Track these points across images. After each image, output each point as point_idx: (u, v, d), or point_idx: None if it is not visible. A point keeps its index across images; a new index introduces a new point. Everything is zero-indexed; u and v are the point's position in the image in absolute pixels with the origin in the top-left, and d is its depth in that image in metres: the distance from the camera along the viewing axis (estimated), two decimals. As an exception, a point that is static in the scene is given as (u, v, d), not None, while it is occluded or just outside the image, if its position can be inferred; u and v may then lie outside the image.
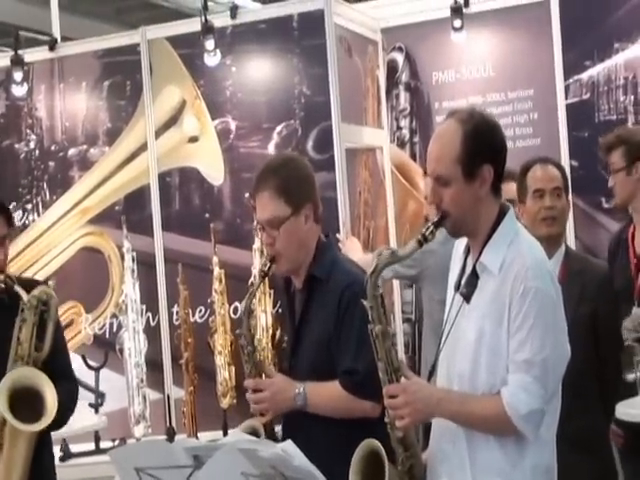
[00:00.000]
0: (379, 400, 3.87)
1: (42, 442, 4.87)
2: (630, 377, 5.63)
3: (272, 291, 6.49)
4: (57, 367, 4.87)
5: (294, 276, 4.61)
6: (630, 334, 5.52)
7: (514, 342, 3.65)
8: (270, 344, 6.45)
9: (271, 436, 4.56)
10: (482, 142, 3.84)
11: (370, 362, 3.84)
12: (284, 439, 3.98)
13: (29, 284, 4.86)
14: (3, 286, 4.74)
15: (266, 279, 4.86)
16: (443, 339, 3.94)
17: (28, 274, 7.45)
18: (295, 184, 4.49)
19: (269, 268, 4.50)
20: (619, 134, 5.97)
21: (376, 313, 3.86)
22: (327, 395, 4.43)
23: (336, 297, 4.37)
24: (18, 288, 4.70)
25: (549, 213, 5.26)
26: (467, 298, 3.81)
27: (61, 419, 4.90)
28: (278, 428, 4.55)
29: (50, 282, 5.06)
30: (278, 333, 5.13)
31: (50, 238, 7.41)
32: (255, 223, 4.74)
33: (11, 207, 7.45)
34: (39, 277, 7.48)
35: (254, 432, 4.20)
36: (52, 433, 5.08)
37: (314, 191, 4.56)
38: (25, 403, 4.66)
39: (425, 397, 3.82)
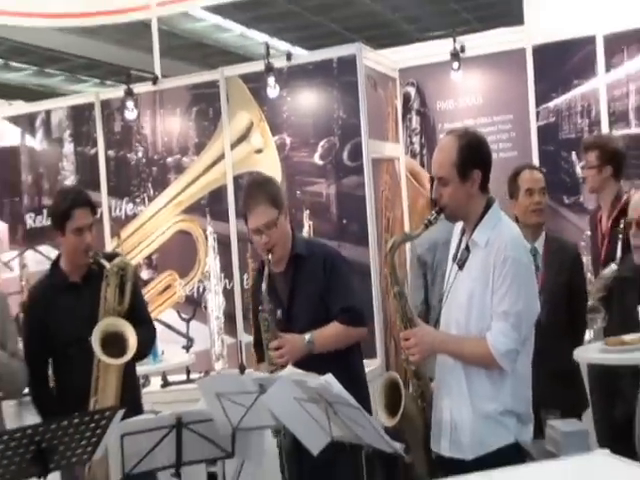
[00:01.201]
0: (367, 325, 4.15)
1: (130, 372, 4.96)
2: (587, 336, 5.70)
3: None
4: (137, 315, 4.93)
5: (276, 265, 4.68)
6: (596, 294, 5.54)
7: (496, 298, 3.74)
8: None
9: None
10: (473, 152, 3.92)
11: (358, 299, 3.97)
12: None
13: (111, 256, 4.92)
14: (91, 261, 4.81)
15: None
16: (444, 297, 3.99)
17: (136, 252, 7.52)
18: (277, 193, 4.65)
19: (262, 263, 4.69)
20: (597, 139, 6.10)
21: (394, 278, 3.94)
22: (330, 333, 4.49)
23: (320, 264, 4.53)
24: (102, 260, 4.76)
25: (537, 207, 5.41)
26: (461, 266, 3.89)
27: (143, 352, 5.00)
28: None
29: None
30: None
31: (153, 224, 7.45)
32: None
33: (124, 201, 7.55)
34: (145, 254, 7.54)
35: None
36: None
37: (283, 197, 4.76)
38: (113, 344, 4.71)
39: (430, 339, 3.91)
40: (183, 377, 6.64)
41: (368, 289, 6.60)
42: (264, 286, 4.53)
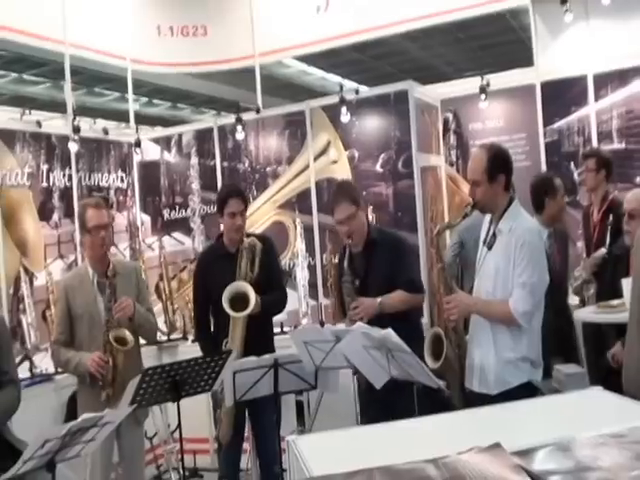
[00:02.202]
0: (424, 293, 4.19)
1: (263, 323, 4.96)
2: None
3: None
4: (271, 284, 5.02)
5: (355, 246, 4.72)
6: (590, 270, 5.49)
7: (516, 272, 3.70)
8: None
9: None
10: (499, 161, 3.87)
11: (417, 273, 3.98)
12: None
13: (259, 238, 5.04)
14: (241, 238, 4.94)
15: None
16: (477, 271, 3.94)
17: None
18: (355, 194, 4.76)
19: (345, 245, 4.72)
20: (595, 150, 6.29)
21: (439, 256, 3.90)
22: (396, 298, 4.50)
23: (389, 246, 4.55)
24: (245, 239, 4.92)
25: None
26: (490, 247, 3.84)
27: (271, 311, 5.07)
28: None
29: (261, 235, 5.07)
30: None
31: (256, 216, 7.41)
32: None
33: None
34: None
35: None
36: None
37: (360, 196, 4.91)
38: (240, 301, 4.74)
39: (466, 303, 3.86)
40: (278, 329, 6.61)
41: (418, 265, 6.55)
42: (346, 262, 4.63)
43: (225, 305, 4.70)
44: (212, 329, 5.08)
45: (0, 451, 3.69)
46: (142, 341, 5.11)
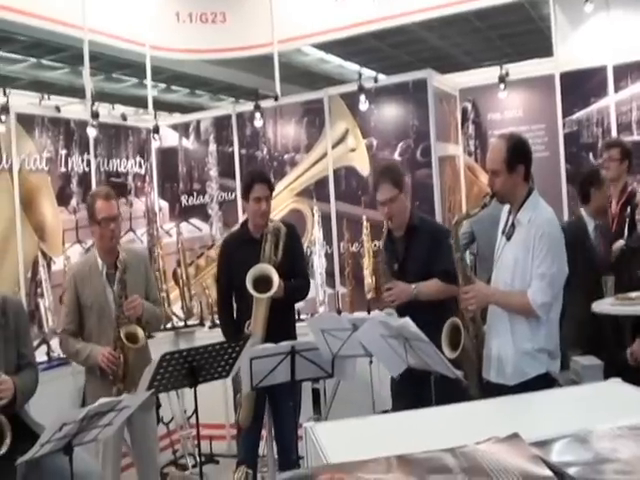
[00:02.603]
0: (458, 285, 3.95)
1: (285, 310, 5.00)
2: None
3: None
4: (295, 270, 5.02)
5: (397, 230, 4.68)
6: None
7: (535, 262, 3.67)
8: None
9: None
10: (518, 151, 3.84)
11: (453, 265, 3.93)
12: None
13: (284, 224, 5.03)
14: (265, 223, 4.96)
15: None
16: (495, 261, 3.93)
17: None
18: (398, 177, 4.64)
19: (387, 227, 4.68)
20: (619, 140, 6.22)
21: (457, 245, 3.87)
22: (432, 287, 4.47)
23: (428, 234, 4.50)
24: (270, 224, 4.93)
25: None
26: (509, 238, 3.82)
27: (293, 297, 5.05)
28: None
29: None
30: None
31: (273, 204, 7.27)
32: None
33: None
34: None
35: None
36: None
37: (404, 180, 4.84)
38: (264, 284, 4.76)
39: (484, 293, 3.85)
40: (295, 317, 6.62)
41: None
42: (381, 244, 4.76)
43: (249, 286, 4.71)
44: (235, 315, 5.09)
45: (18, 434, 3.71)
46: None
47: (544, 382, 3.64)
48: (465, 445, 1.72)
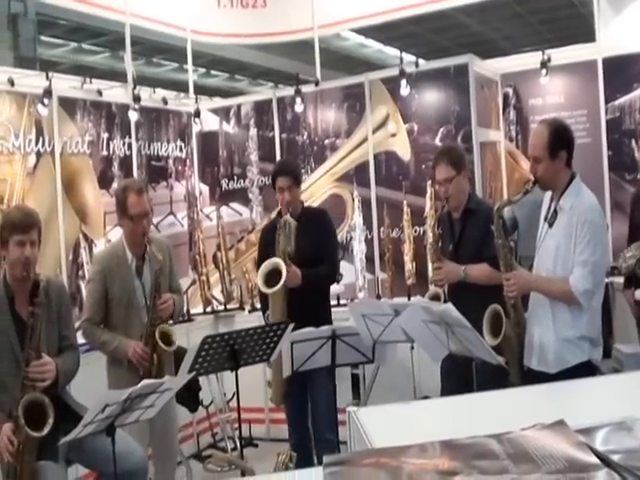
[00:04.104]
0: None
1: (313, 296, 4.96)
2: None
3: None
4: (322, 255, 5.06)
5: (454, 211, 4.64)
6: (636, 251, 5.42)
7: (577, 250, 3.64)
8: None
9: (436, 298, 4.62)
10: (560, 137, 3.81)
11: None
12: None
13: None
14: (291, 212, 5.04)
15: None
16: (537, 248, 3.91)
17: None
18: (457, 159, 4.59)
19: (443, 207, 4.58)
20: None
21: (499, 232, 3.86)
22: (481, 271, 4.44)
23: (484, 218, 4.42)
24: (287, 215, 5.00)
25: None
26: (551, 225, 3.80)
27: (313, 284, 4.98)
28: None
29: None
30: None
31: (314, 188, 7.44)
32: (430, 182, 4.77)
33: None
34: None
35: (437, 296, 4.17)
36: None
37: (465, 162, 4.77)
38: (275, 276, 4.79)
39: (526, 280, 3.83)
40: (334, 302, 6.63)
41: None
42: (440, 224, 4.78)
43: (259, 282, 4.87)
44: None
45: (61, 415, 3.76)
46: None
47: (586, 370, 3.63)
48: (510, 431, 1.72)
